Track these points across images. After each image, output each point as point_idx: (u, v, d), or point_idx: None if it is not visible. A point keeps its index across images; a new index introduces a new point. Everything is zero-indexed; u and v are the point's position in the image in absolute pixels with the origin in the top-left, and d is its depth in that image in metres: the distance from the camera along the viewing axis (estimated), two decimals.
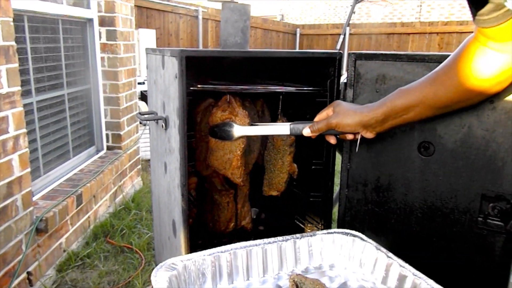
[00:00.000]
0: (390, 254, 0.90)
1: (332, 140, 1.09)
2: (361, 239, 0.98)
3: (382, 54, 1.09)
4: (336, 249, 1.01)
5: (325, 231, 1.03)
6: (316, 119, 1.09)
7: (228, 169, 1.24)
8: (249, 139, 1.34)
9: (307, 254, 0.99)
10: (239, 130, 1.15)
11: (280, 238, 0.97)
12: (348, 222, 1.19)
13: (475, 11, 0.76)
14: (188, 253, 1.14)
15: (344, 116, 1.01)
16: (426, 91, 0.91)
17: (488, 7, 0.73)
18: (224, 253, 0.90)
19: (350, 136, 1.05)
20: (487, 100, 0.91)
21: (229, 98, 1.19)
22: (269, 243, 0.96)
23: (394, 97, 0.95)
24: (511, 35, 0.75)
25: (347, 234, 1.00)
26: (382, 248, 0.93)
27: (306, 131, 1.07)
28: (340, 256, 1.00)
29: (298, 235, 1.00)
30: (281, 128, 1.11)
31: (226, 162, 1.24)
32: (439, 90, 0.89)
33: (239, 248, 0.92)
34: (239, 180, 1.27)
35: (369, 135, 1.00)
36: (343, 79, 1.21)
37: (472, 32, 0.85)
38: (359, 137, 1.03)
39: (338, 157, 1.23)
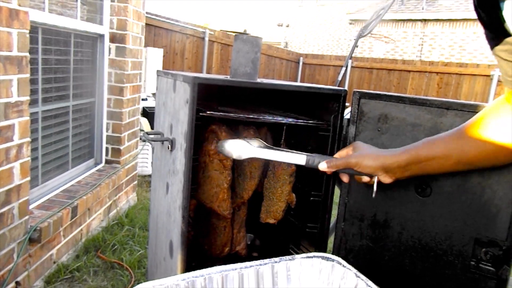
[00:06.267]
0: (370, 282, 0.89)
1: (345, 178, 1.09)
2: (341, 264, 0.95)
3: (385, 95, 1.13)
4: (315, 274, 0.97)
5: (304, 255, 0.99)
6: (336, 155, 1.09)
7: (215, 202, 1.28)
8: (249, 165, 1.37)
9: (285, 278, 0.96)
10: (252, 151, 1.12)
11: (258, 262, 0.94)
12: (342, 255, 1.21)
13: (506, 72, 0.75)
14: None
15: (366, 157, 1.00)
16: (452, 145, 0.90)
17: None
18: (198, 278, 0.86)
19: (366, 179, 1.03)
20: None
21: (214, 128, 1.25)
22: (246, 267, 0.92)
23: (419, 147, 0.95)
24: None
25: (326, 259, 0.97)
26: (362, 276, 0.91)
27: (323, 166, 1.06)
28: (319, 281, 0.97)
29: (276, 258, 0.96)
30: (296, 157, 1.10)
31: (213, 195, 1.27)
32: (465, 145, 0.87)
33: (215, 273, 0.89)
34: (225, 213, 1.29)
35: (387, 179, 0.99)
36: (346, 114, 1.25)
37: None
38: (375, 180, 1.01)
39: (337, 190, 1.25)
